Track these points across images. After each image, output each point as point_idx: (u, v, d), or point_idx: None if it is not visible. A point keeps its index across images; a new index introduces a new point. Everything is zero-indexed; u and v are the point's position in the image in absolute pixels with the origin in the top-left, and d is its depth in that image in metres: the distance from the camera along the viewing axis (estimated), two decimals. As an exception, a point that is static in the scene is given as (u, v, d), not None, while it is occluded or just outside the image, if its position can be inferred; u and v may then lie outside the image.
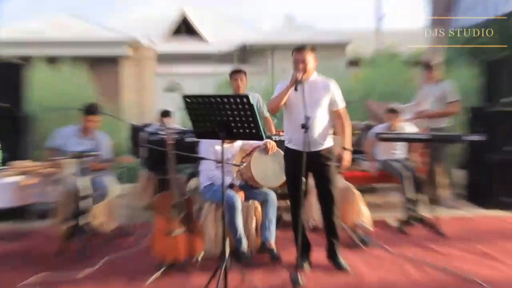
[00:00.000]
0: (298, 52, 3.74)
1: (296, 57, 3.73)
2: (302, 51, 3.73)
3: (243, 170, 4.26)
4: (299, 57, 3.72)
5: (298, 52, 3.74)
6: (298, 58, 3.72)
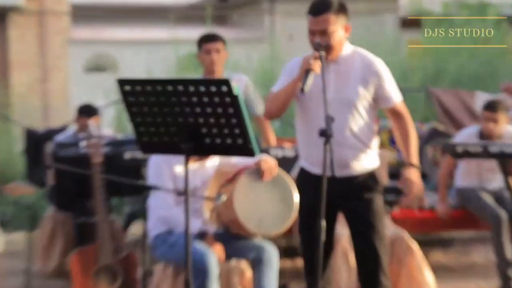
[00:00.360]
0: (315, 17, 3.68)
1: (311, 26, 3.69)
2: (321, 14, 3.66)
3: (222, 207, 4.28)
4: (316, 25, 3.67)
5: (314, 17, 3.69)
6: (315, 28, 3.68)
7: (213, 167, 4.49)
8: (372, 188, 3.78)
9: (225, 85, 3.07)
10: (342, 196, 3.76)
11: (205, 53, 5.34)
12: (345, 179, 3.75)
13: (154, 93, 3.19)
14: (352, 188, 3.75)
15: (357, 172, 3.77)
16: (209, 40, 5.36)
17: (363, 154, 3.77)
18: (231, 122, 3.16)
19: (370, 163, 3.81)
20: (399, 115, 3.81)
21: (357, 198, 3.75)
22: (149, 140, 3.32)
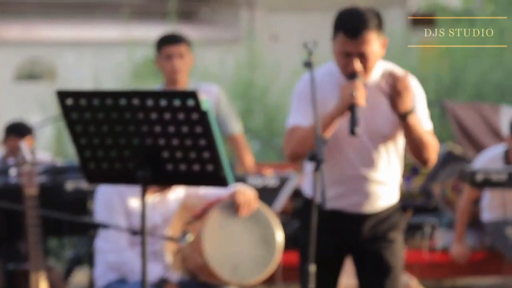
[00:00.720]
0: (353, 38, 3.68)
1: (345, 48, 3.69)
2: (361, 35, 3.68)
3: (188, 250, 4.31)
4: (355, 47, 3.68)
5: (352, 38, 3.68)
6: (352, 50, 3.69)
7: (177, 200, 4.51)
8: (397, 225, 3.90)
9: (191, 98, 3.09)
10: (361, 235, 3.84)
11: (165, 59, 5.37)
12: (368, 216, 3.85)
13: (103, 108, 3.19)
14: (375, 226, 3.86)
15: (381, 208, 3.87)
16: (170, 42, 5.38)
17: (392, 188, 3.89)
18: (199, 144, 3.17)
19: (395, 196, 3.92)
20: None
21: (378, 238, 3.86)
22: (97, 166, 3.31)
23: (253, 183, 5.15)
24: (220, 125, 5.59)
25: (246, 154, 5.71)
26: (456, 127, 8.32)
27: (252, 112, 11.64)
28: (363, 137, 3.76)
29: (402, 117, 3.68)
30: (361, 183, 3.79)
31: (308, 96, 3.72)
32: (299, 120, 3.76)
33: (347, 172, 3.79)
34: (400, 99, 3.66)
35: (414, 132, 3.70)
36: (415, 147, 3.75)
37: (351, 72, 3.70)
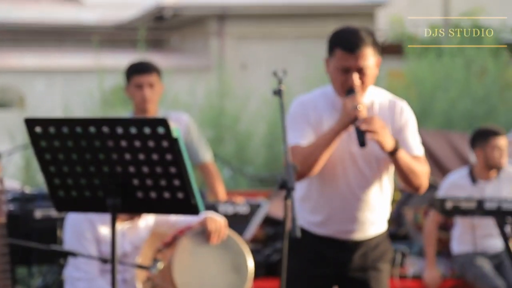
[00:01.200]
0: (352, 53, 3.70)
1: (344, 63, 3.71)
2: (359, 49, 3.71)
3: (158, 278, 4.28)
4: (355, 61, 3.70)
5: (350, 53, 3.70)
6: (351, 65, 3.71)
7: (147, 227, 4.49)
8: (386, 255, 3.90)
9: (162, 125, 3.09)
10: (351, 265, 3.83)
11: (135, 88, 5.36)
12: (358, 243, 3.84)
13: (73, 136, 3.19)
14: (365, 255, 3.84)
15: (371, 235, 3.87)
16: (140, 71, 5.37)
17: (382, 215, 3.89)
18: (169, 172, 3.17)
19: (384, 223, 3.93)
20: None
21: (367, 268, 3.85)
22: (66, 195, 3.30)
23: (223, 210, 5.13)
24: (191, 154, 5.58)
25: (217, 182, 5.70)
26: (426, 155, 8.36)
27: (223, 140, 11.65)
28: (358, 159, 3.76)
29: (390, 154, 3.69)
30: (354, 204, 3.77)
31: (303, 117, 3.76)
32: (298, 139, 3.75)
33: (341, 193, 3.77)
34: (382, 142, 3.64)
35: (403, 164, 3.71)
36: (405, 177, 3.75)
37: (350, 87, 3.71)
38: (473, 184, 6.06)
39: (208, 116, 12.01)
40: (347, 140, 3.75)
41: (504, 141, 6.05)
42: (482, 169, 6.06)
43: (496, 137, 6.04)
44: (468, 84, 12.33)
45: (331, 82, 3.80)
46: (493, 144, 6.02)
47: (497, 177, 6.08)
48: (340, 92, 3.76)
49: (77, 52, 18.45)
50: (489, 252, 6.10)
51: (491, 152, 6.02)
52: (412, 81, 12.73)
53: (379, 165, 3.79)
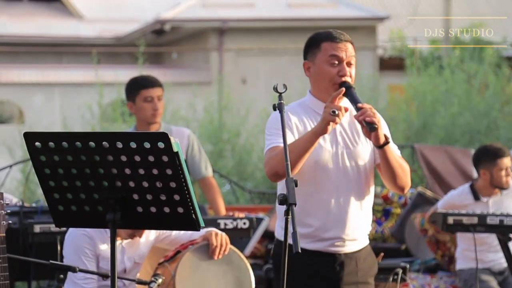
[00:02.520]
0: (339, 42, 3.78)
1: (335, 51, 3.76)
2: (346, 41, 3.80)
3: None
4: (345, 51, 3.78)
5: (338, 42, 3.78)
6: (342, 55, 3.77)
7: (147, 243, 4.47)
8: (373, 269, 3.92)
9: (162, 140, 3.08)
10: (342, 280, 3.82)
11: (143, 101, 5.39)
12: (347, 257, 3.84)
13: (72, 150, 3.18)
14: (355, 269, 3.84)
15: (361, 246, 3.88)
16: (149, 85, 5.42)
17: (368, 223, 3.90)
18: (169, 186, 3.15)
19: (367, 236, 3.93)
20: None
21: (357, 283, 3.85)
22: (66, 209, 3.29)
23: (223, 225, 5.13)
24: (192, 168, 5.59)
25: (218, 196, 5.71)
26: (427, 170, 8.37)
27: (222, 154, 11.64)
28: (343, 163, 3.77)
29: (381, 147, 3.70)
30: (341, 209, 3.76)
31: (288, 122, 3.76)
32: (276, 142, 3.76)
33: (328, 198, 3.76)
34: (379, 134, 3.67)
35: (392, 158, 3.73)
36: (393, 175, 3.76)
37: (342, 81, 3.74)
38: (475, 201, 6.04)
39: (207, 131, 12.02)
40: (335, 144, 3.77)
41: (509, 161, 6.03)
42: (486, 187, 6.04)
43: (503, 158, 6.01)
44: (469, 99, 12.34)
45: (315, 83, 3.82)
46: (500, 166, 6.00)
47: (500, 194, 6.07)
48: (330, 88, 3.77)
49: (76, 66, 18.48)
50: (494, 269, 6.08)
51: (497, 174, 6.00)
52: (412, 95, 12.75)
53: (365, 167, 3.80)
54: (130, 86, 5.50)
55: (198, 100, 12.93)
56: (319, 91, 3.82)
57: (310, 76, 3.84)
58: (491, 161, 6.00)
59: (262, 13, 19.43)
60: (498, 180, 5.99)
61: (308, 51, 3.84)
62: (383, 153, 3.71)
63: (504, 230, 5.19)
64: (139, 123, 5.51)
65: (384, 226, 7.72)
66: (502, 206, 5.98)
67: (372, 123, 3.62)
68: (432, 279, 6.89)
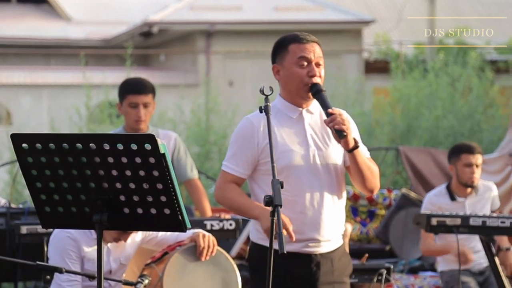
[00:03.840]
0: (307, 43, 3.82)
1: (303, 53, 3.79)
2: (314, 41, 3.84)
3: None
4: (314, 53, 3.80)
5: (305, 43, 3.81)
6: (310, 56, 3.79)
7: (133, 244, 4.46)
8: (348, 269, 3.93)
9: (148, 142, 3.07)
10: (319, 281, 3.82)
11: (129, 106, 5.33)
12: (322, 257, 3.84)
13: (59, 151, 3.16)
14: (330, 269, 3.84)
15: (336, 246, 3.89)
16: (136, 92, 5.33)
17: (341, 224, 3.91)
18: (156, 188, 3.15)
19: (341, 237, 3.93)
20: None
21: (333, 283, 3.85)
22: (52, 210, 3.27)
23: (210, 226, 5.12)
24: (178, 170, 5.58)
25: (204, 198, 5.71)
26: (411, 172, 8.39)
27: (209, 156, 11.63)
28: (317, 164, 3.78)
29: (350, 151, 3.73)
30: (317, 208, 3.77)
31: (246, 141, 3.79)
32: (233, 168, 3.83)
33: (301, 200, 3.77)
34: (349, 138, 3.71)
35: (361, 162, 3.77)
36: (362, 177, 3.79)
37: (313, 83, 3.76)
38: (451, 201, 6.03)
39: (194, 133, 12.00)
40: (306, 147, 3.78)
41: (476, 159, 5.98)
42: (457, 186, 6.03)
43: (468, 154, 5.98)
44: (452, 102, 12.38)
45: (285, 85, 3.83)
46: (464, 161, 5.97)
47: (476, 194, 6.05)
48: (300, 89, 3.79)
49: (64, 68, 18.43)
50: (473, 269, 6.09)
51: (461, 169, 5.98)
52: (397, 98, 12.77)
53: (336, 168, 3.82)
54: (120, 87, 5.44)
55: (186, 102, 12.91)
56: (290, 93, 3.84)
57: (280, 79, 3.86)
58: (456, 156, 6.02)
59: (250, 16, 19.43)
60: (462, 176, 5.97)
61: (276, 55, 3.87)
62: (353, 157, 3.75)
63: (486, 231, 5.21)
64: (127, 125, 5.48)
65: (369, 227, 7.73)
66: (477, 208, 5.97)
67: (341, 130, 3.67)
68: (416, 279, 6.91)
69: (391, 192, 7.93)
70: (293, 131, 3.80)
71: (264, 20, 19.06)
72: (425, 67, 13.85)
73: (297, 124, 3.82)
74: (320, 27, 18.73)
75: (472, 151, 5.97)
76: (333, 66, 15.67)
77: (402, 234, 7.48)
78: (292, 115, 3.83)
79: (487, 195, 6.07)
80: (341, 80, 13.89)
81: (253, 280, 3.88)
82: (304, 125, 3.82)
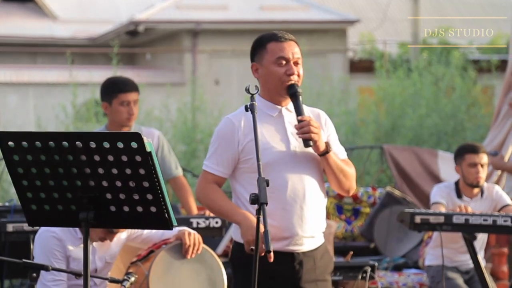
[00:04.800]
0: (285, 41, 3.83)
1: (281, 52, 3.79)
2: (291, 40, 3.85)
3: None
4: (291, 51, 3.81)
5: (283, 41, 3.83)
6: (288, 55, 3.79)
7: (118, 242, 4.44)
8: (329, 266, 3.93)
9: (135, 140, 3.06)
10: (302, 279, 3.81)
11: (119, 105, 5.36)
12: (305, 256, 3.84)
13: (45, 150, 3.16)
14: (312, 267, 3.84)
15: (317, 244, 3.89)
16: (127, 90, 5.38)
17: (323, 221, 3.90)
18: (142, 186, 3.14)
19: (322, 235, 3.93)
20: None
21: (316, 281, 3.84)
22: (39, 208, 3.26)
23: (196, 224, 5.11)
24: (163, 168, 5.57)
25: (189, 195, 5.70)
26: (396, 170, 8.40)
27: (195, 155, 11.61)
28: (299, 160, 3.79)
29: (322, 154, 3.76)
30: (299, 205, 3.77)
31: (227, 137, 3.80)
32: (213, 167, 3.85)
33: (285, 196, 3.77)
34: (318, 143, 3.73)
35: (334, 165, 3.79)
36: (336, 179, 3.82)
37: (291, 82, 3.76)
38: (458, 199, 5.98)
39: (181, 131, 11.98)
40: (287, 145, 3.79)
41: (481, 158, 5.93)
42: (464, 186, 5.99)
43: (472, 154, 5.93)
44: (436, 101, 12.41)
45: (264, 84, 3.83)
46: (468, 161, 5.93)
47: (481, 196, 5.99)
48: (279, 88, 3.80)
49: (51, 67, 18.36)
50: (461, 268, 6.08)
51: (466, 169, 5.94)
52: (382, 97, 12.80)
53: (316, 164, 3.83)
54: (107, 87, 5.45)
55: (172, 100, 12.89)
56: (269, 92, 3.85)
57: (259, 77, 3.87)
58: (461, 156, 5.98)
59: (235, 15, 19.41)
60: (467, 176, 5.92)
61: (255, 53, 3.87)
62: (325, 161, 3.78)
63: (469, 229, 5.21)
64: (111, 124, 5.47)
65: (354, 225, 7.74)
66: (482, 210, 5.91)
67: (306, 139, 3.69)
68: (400, 277, 6.92)
69: (376, 190, 7.94)
70: (273, 129, 3.81)
71: (249, 20, 19.05)
72: (409, 66, 13.88)
73: (277, 122, 3.83)
74: (306, 26, 18.74)
75: (476, 150, 5.93)
76: (318, 65, 15.70)
77: (387, 232, 7.49)
78: (272, 113, 3.83)
79: (492, 197, 6.02)
80: (326, 79, 13.91)
81: (236, 278, 3.87)
82: (284, 123, 3.83)
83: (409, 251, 7.49)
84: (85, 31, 20.57)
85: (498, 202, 5.98)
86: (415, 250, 7.37)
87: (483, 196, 5.98)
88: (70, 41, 20.12)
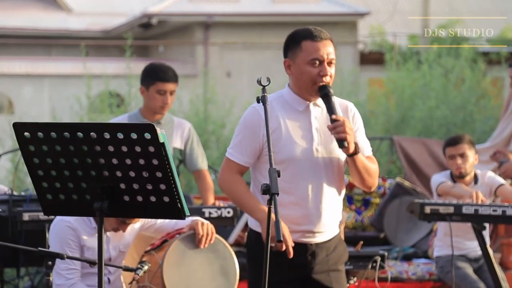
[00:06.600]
0: (321, 40, 3.77)
1: (316, 53, 3.74)
2: (327, 39, 3.79)
3: (145, 280, 4.25)
4: (326, 51, 3.76)
5: (320, 41, 3.77)
6: (322, 55, 3.74)
7: (132, 232, 4.45)
8: (343, 256, 3.92)
9: (148, 131, 3.07)
10: (315, 269, 3.82)
11: (156, 93, 5.38)
12: (319, 246, 3.83)
13: (60, 140, 3.16)
14: (326, 258, 3.84)
15: (331, 236, 3.88)
16: (167, 80, 5.38)
17: (339, 215, 3.90)
18: (155, 176, 3.14)
19: (337, 226, 3.92)
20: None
21: (329, 271, 3.84)
22: (54, 198, 3.27)
23: (208, 214, 5.12)
24: (189, 160, 5.60)
25: (208, 191, 5.68)
26: (405, 161, 8.39)
27: (207, 146, 11.63)
28: (319, 157, 3.77)
29: (350, 155, 3.73)
30: (316, 202, 3.77)
31: (252, 127, 3.77)
32: (237, 156, 3.81)
33: (303, 191, 3.76)
34: (350, 144, 3.70)
35: (360, 166, 3.76)
36: (361, 177, 3.80)
37: (323, 83, 3.73)
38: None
39: (193, 122, 11.94)
40: (310, 140, 3.76)
41: (458, 150, 5.94)
42: (455, 176, 6.03)
43: (450, 147, 5.99)
44: (446, 93, 12.36)
45: (296, 81, 3.79)
46: (448, 154, 6.00)
47: (475, 183, 6.04)
48: (310, 88, 3.76)
49: (65, 59, 18.39)
50: (469, 255, 6.09)
51: (448, 162, 6.02)
52: (391, 89, 12.76)
53: (339, 163, 3.81)
54: (147, 72, 5.46)
55: (184, 92, 12.89)
56: (299, 89, 3.81)
57: (291, 74, 3.82)
58: (444, 151, 6.07)
59: (247, 8, 19.39)
60: (451, 168, 6.01)
61: (289, 50, 3.82)
62: (352, 161, 3.76)
63: (479, 219, 5.20)
64: (145, 108, 5.51)
65: (364, 215, 7.73)
66: None
67: (341, 140, 3.66)
68: (409, 266, 6.91)
69: (386, 181, 7.93)
70: (298, 124, 3.78)
71: (261, 12, 19.03)
72: (419, 58, 13.83)
73: (303, 116, 3.80)
74: (316, 19, 18.71)
75: (452, 143, 6.01)
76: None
77: (396, 222, 7.47)
78: (299, 107, 3.80)
79: (485, 182, 6.05)
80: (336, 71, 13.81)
81: (250, 266, 3.87)
82: (310, 118, 3.80)
83: (419, 241, 7.47)
84: (99, 23, 20.59)
85: (492, 185, 6.02)
86: (425, 240, 7.36)
87: (478, 183, 6.01)
88: (84, 33, 20.15)
